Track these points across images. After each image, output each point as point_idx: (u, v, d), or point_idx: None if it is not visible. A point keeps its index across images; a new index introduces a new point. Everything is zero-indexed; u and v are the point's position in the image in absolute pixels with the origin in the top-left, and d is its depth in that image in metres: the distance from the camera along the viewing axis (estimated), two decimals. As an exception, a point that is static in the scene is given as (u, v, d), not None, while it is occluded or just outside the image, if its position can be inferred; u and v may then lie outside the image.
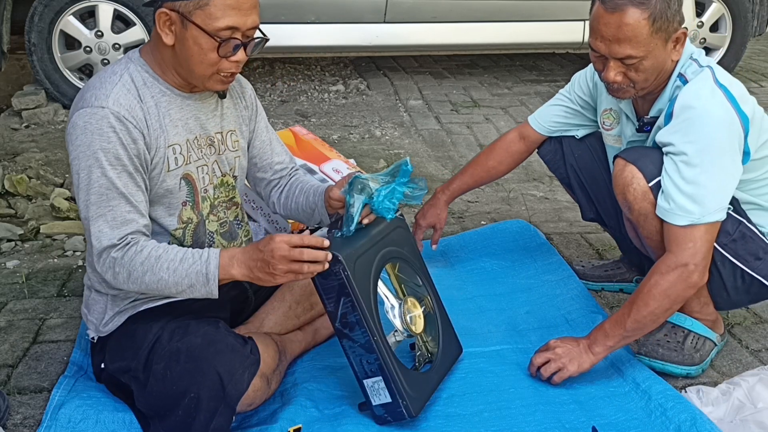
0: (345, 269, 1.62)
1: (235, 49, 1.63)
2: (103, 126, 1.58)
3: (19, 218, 2.91)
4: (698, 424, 1.69)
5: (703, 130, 1.79)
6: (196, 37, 1.60)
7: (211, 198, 1.82)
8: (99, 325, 1.78)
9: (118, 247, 1.60)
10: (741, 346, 2.15)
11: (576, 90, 2.26)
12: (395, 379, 1.68)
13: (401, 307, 1.83)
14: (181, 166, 1.73)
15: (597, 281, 2.44)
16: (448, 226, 2.88)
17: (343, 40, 4.39)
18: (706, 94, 1.82)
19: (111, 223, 1.60)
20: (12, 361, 1.99)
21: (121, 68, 1.68)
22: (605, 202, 2.30)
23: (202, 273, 1.59)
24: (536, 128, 2.34)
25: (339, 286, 1.65)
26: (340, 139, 3.84)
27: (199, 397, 1.61)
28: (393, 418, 1.71)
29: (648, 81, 1.87)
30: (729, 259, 1.91)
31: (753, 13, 4.89)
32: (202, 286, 1.60)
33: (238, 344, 1.68)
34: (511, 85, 4.91)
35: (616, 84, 1.86)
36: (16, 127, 3.76)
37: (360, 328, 1.66)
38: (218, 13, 1.58)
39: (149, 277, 1.59)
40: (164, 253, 1.60)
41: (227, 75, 1.67)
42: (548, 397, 1.87)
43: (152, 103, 1.68)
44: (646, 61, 1.81)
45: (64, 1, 3.75)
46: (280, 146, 2.03)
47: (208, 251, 1.61)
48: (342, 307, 1.66)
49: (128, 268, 1.59)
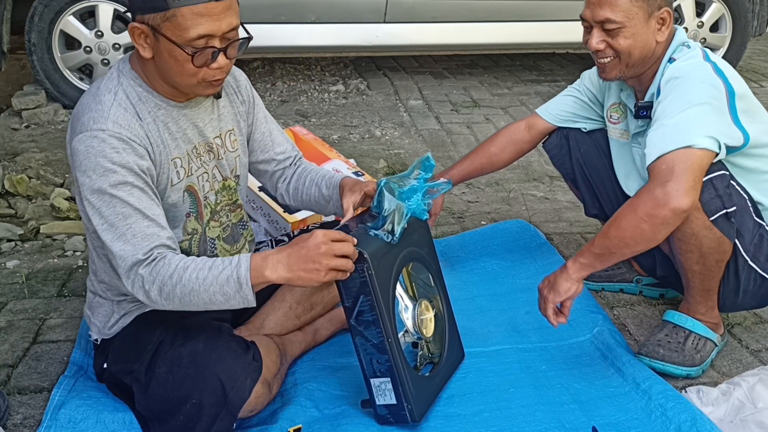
0: (370, 267, 1.59)
1: (213, 56, 1.55)
2: (105, 149, 1.54)
3: (19, 218, 2.91)
4: (698, 424, 1.69)
5: (683, 88, 1.82)
6: (170, 49, 1.53)
7: (212, 204, 1.80)
8: (103, 328, 1.77)
9: (145, 263, 1.52)
10: (741, 346, 2.15)
11: (586, 83, 2.28)
12: (403, 383, 1.67)
13: (415, 309, 1.81)
14: (183, 179, 1.70)
15: (597, 281, 2.44)
16: (448, 226, 2.88)
17: (343, 40, 4.38)
18: (692, 64, 1.88)
19: (132, 240, 1.53)
20: (12, 361, 1.99)
21: (114, 84, 1.62)
22: (609, 198, 2.30)
23: (233, 278, 1.50)
24: (544, 117, 2.34)
25: (361, 284, 1.62)
26: (340, 139, 3.83)
27: (201, 403, 1.61)
28: (395, 420, 1.71)
29: (632, 57, 1.92)
30: (748, 262, 1.91)
31: (753, 13, 4.89)
32: (236, 293, 1.51)
33: (240, 350, 1.67)
34: (511, 85, 4.91)
35: (599, 53, 1.94)
36: (16, 127, 3.76)
37: (375, 328, 1.65)
38: (187, 23, 1.50)
39: (180, 289, 1.51)
40: (192, 263, 1.52)
41: (213, 81, 1.60)
42: (548, 397, 1.87)
43: (150, 120, 1.63)
44: (626, 30, 1.89)
45: (64, 1, 3.75)
46: (281, 136, 1.98)
47: (238, 256, 1.54)
48: (360, 305, 1.64)
49: (158, 284, 1.52)
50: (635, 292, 2.43)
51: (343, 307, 1.68)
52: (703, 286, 1.97)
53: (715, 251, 1.89)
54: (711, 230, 1.86)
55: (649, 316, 2.30)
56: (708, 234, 1.86)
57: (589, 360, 2.03)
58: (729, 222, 1.87)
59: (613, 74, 1.98)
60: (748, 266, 1.92)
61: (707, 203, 1.84)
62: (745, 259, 1.92)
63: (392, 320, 1.67)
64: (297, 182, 1.97)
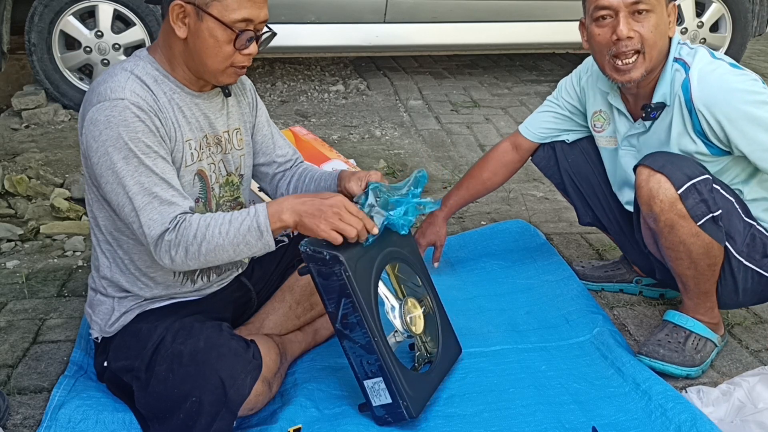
0: (347, 270, 1.61)
1: (248, 42, 1.64)
2: (127, 116, 1.56)
3: (19, 218, 2.91)
4: (698, 425, 1.69)
5: (736, 102, 1.82)
6: (212, 29, 1.60)
7: (216, 197, 1.81)
8: (104, 326, 1.78)
9: (170, 230, 1.57)
10: (741, 346, 2.15)
11: (563, 95, 2.26)
12: (395, 380, 1.67)
13: (402, 307, 1.82)
14: (196, 162, 1.73)
15: (597, 282, 2.44)
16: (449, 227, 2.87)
17: (343, 40, 4.38)
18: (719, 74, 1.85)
19: (159, 209, 1.57)
20: (12, 361, 1.99)
21: (131, 65, 1.67)
22: (602, 205, 2.30)
23: (254, 227, 1.57)
24: (527, 136, 2.33)
25: (340, 287, 1.64)
26: (340, 139, 3.83)
27: (201, 401, 1.61)
28: (393, 419, 1.71)
29: (654, 47, 1.88)
30: (743, 263, 1.91)
31: (753, 13, 4.89)
32: (257, 240, 1.58)
33: (240, 348, 1.67)
34: (511, 85, 4.91)
35: (629, 45, 1.86)
36: (16, 127, 3.76)
37: (361, 329, 1.66)
38: (234, 5, 1.59)
39: (205, 246, 1.57)
40: (212, 220, 1.58)
41: (239, 68, 1.68)
42: (548, 397, 1.87)
43: (165, 99, 1.67)
44: (653, 17, 1.86)
45: (64, 1, 3.74)
46: (282, 139, 2.02)
47: (255, 206, 1.61)
48: (343, 308, 1.66)
49: (184, 246, 1.57)
50: (635, 292, 2.43)
51: (327, 313, 1.70)
52: (698, 289, 1.97)
53: (706, 256, 1.88)
54: (698, 237, 1.86)
55: (649, 316, 2.30)
56: (695, 241, 1.86)
57: (589, 360, 2.03)
58: (717, 226, 1.86)
59: (637, 74, 1.90)
60: (744, 266, 1.92)
61: (692, 208, 1.83)
62: (739, 261, 1.91)
63: (377, 319, 1.68)
64: (298, 181, 1.99)
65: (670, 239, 1.88)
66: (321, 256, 1.61)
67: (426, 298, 1.92)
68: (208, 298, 1.83)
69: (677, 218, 1.84)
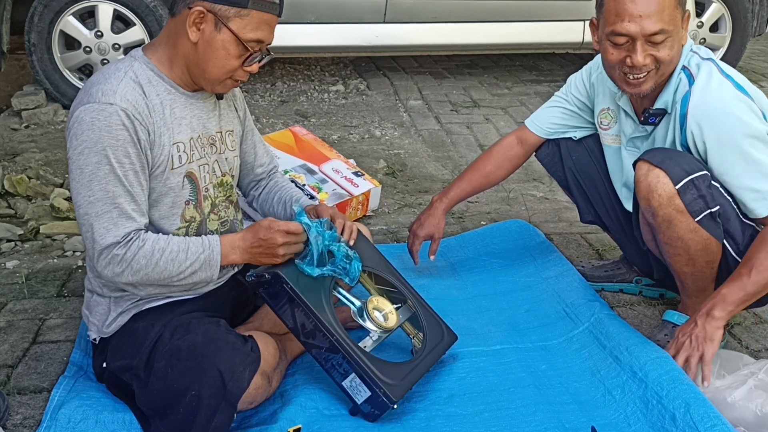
0: (287, 282, 1.71)
1: (254, 61, 1.70)
2: (112, 123, 1.58)
3: (19, 218, 2.91)
4: (692, 410, 1.69)
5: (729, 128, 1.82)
6: (227, 42, 1.64)
7: (212, 197, 1.82)
8: (102, 327, 1.78)
9: (121, 244, 1.61)
10: (741, 346, 2.15)
11: (572, 91, 2.25)
12: (365, 370, 1.71)
13: (364, 307, 1.86)
14: (185, 164, 1.73)
15: (597, 281, 2.44)
16: (448, 227, 2.88)
17: (343, 40, 4.38)
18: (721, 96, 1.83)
19: (116, 220, 1.60)
20: (12, 361, 1.99)
21: (126, 65, 1.68)
22: (604, 204, 2.29)
23: (207, 261, 1.68)
24: (534, 131, 2.32)
25: (288, 300, 1.73)
26: (340, 139, 3.83)
27: (200, 395, 1.61)
28: (379, 410, 1.72)
29: (671, 64, 1.85)
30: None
31: (753, 13, 4.89)
32: (203, 272, 1.69)
33: (238, 342, 1.68)
34: (511, 85, 4.91)
35: (638, 69, 1.83)
36: (16, 127, 3.76)
37: (319, 332, 1.72)
38: (253, 25, 1.64)
39: (153, 268, 1.64)
40: (168, 246, 1.65)
41: (236, 81, 1.73)
42: (548, 397, 1.87)
43: (157, 101, 1.68)
44: (670, 40, 1.80)
45: (64, 1, 3.74)
46: (263, 149, 2.06)
47: (209, 239, 1.71)
48: (298, 319, 1.74)
49: (131, 263, 1.62)
50: (635, 292, 2.42)
51: (290, 332, 1.78)
52: (696, 287, 1.97)
53: (704, 253, 1.88)
54: (697, 233, 1.86)
55: (649, 316, 2.30)
56: (694, 237, 1.86)
57: (588, 353, 2.03)
58: (715, 222, 1.86)
59: (648, 87, 1.87)
60: None
61: (690, 204, 1.83)
62: (738, 262, 1.90)
63: (331, 321, 1.74)
64: (267, 195, 2.06)
65: (668, 235, 1.88)
66: (264, 279, 1.73)
67: (408, 302, 1.95)
68: (204, 296, 1.83)
69: (675, 213, 1.84)
